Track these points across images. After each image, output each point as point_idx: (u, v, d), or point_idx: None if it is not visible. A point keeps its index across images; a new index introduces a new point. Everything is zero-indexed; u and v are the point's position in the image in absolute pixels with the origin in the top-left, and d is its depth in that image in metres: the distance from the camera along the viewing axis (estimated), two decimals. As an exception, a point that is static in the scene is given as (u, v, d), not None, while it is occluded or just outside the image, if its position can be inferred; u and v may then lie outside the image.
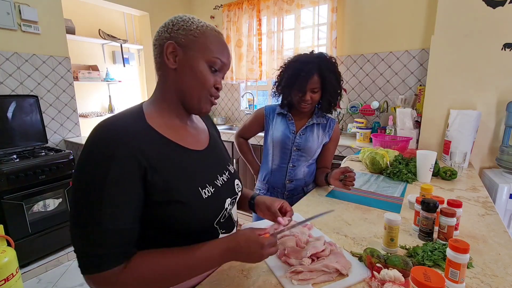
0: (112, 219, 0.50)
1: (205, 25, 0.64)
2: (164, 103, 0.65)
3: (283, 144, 1.31)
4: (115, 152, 0.51)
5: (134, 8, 3.11)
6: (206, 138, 0.74)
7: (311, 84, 1.19)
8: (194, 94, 0.63)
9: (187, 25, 0.62)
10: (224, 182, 0.71)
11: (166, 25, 0.63)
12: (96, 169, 0.50)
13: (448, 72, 1.83)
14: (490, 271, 0.69)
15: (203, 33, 0.62)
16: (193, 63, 0.62)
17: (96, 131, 0.54)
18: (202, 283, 0.66)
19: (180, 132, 0.65)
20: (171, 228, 0.59)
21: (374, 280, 0.63)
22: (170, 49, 0.61)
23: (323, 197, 1.20)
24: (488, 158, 1.83)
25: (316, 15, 2.63)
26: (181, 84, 0.63)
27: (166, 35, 0.62)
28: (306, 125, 1.31)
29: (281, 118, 1.35)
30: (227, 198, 0.70)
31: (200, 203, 0.61)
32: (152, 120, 0.61)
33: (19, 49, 2.27)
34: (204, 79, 0.63)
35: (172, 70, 0.63)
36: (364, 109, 2.48)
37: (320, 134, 1.32)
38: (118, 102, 3.45)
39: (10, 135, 2.21)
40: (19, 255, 1.72)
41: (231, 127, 3.29)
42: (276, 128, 1.33)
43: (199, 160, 0.67)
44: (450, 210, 0.79)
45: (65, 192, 2.20)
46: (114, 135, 0.53)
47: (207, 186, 0.64)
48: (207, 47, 0.62)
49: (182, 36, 0.61)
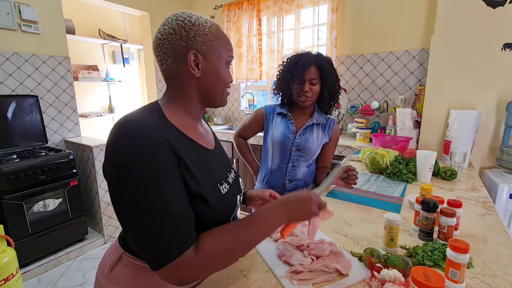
0: (177, 202, 0.52)
1: (209, 23, 0.64)
2: (181, 103, 0.65)
3: (283, 144, 1.30)
4: (155, 144, 0.52)
5: (134, 8, 3.11)
6: (213, 138, 0.77)
7: (309, 75, 1.21)
8: (217, 92, 0.66)
9: (200, 29, 0.61)
10: (234, 179, 0.74)
11: (177, 31, 0.60)
12: (143, 164, 0.50)
13: (448, 72, 1.83)
14: (490, 271, 0.69)
15: (215, 35, 0.63)
16: (216, 68, 0.64)
17: (123, 129, 0.53)
18: (202, 283, 0.66)
19: (196, 131, 0.67)
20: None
21: (374, 280, 0.63)
22: (193, 58, 0.61)
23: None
24: (488, 158, 1.83)
25: (316, 15, 2.63)
26: (205, 88, 0.65)
27: (183, 43, 0.60)
28: (306, 125, 1.30)
29: (281, 118, 1.34)
30: (237, 195, 0.73)
31: (219, 199, 0.63)
32: (172, 117, 0.61)
33: (19, 49, 2.27)
34: (226, 78, 0.66)
35: (196, 77, 0.62)
36: (364, 109, 2.48)
37: (320, 134, 1.32)
38: (118, 102, 3.45)
39: (10, 135, 2.21)
40: (19, 255, 1.72)
41: (231, 127, 3.29)
42: (276, 128, 1.33)
43: (213, 158, 0.69)
44: (450, 210, 0.79)
45: (65, 192, 2.20)
46: (146, 129, 0.53)
47: (224, 183, 0.67)
48: (223, 48, 0.64)
49: (201, 43, 0.61)
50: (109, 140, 0.54)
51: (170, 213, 0.51)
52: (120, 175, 0.51)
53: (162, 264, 0.50)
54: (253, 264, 0.73)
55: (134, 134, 0.52)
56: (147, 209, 0.50)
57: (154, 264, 0.51)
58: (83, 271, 2.10)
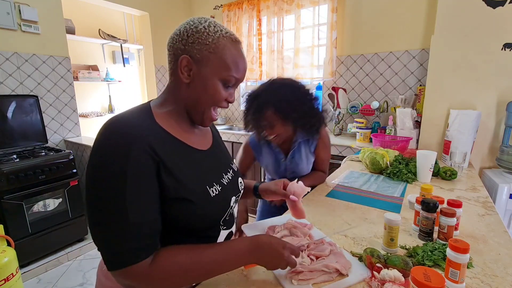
0: (137, 212, 0.51)
1: (221, 35, 0.61)
2: (172, 106, 0.65)
3: (277, 172, 1.33)
4: (131, 147, 0.51)
5: (134, 8, 3.11)
6: (210, 138, 0.76)
7: (265, 122, 1.13)
8: (201, 107, 0.64)
9: (202, 37, 0.59)
10: (229, 180, 0.73)
11: (181, 33, 0.61)
12: (114, 165, 0.50)
13: (448, 72, 1.83)
14: (490, 271, 0.69)
15: (218, 47, 0.60)
16: (207, 80, 0.61)
17: (107, 128, 0.54)
18: (202, 283, 0.66)
19: (187, 132, 0.66)
20: (178, 225, 0.60)
21: (374, 280, 0.63)
22: (184, 63, 0.60)
23: (323, 197, 1.20)
24: (488, 158, 1.83)
25: (316, 15, 2.63)
26: (191, 97, 0.63)
27: (181, 46, 0.60)
28: (293, 149, 1.28)
29: (266, 146, 1.32)
30: (232, 196, 0.72)
31: (208, 202, 0.62)
32: (160, 119, 0.61)
33: (19, 49, 2.27)
34: (216, 94, 0.62)
35: (184, 83, 0.62)
36: (364, 109, 2.48)
37: (308, 148, 1.29)
38: (118, 102, 3.45)
39: (10, 135, 2.21)
40: (19, 255, 1.72)
41: (231, 127, 3.29)
42: (265, 160, 1.34)
43: (205, 159, 0.68)
44: (450, 210, 0.79)
45: (65, 192, 2.20)
46: (127, 131, 0.53)
47: (215, 185, 0.66)
48: (222, 64, 0.61)
49: (197, 51, 0.59)
50: (95, 138, 0.55)
51: (128, 222, 0.50)
52: (92, 172, 0.52)
53: (114, 267, 0.51)
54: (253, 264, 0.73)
55: (114, 134, 0.53)
56: (107, 212, 0.50)
57: (107, 264, 0.51)
58: (83, 271, 2.10)
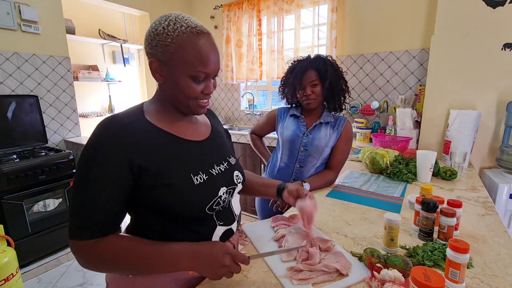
0: (92, 198, 0.57)
1: (181, 32, 0.61)
2: (162, 103, 0.70)
3: (292, 143, 1.33)
4: (103, 142, 0.59)
5: (134, 8, 3.11)
6: (207, 130, 0.77)
7: (307, 79, 1.26)
8: (182, 103, 0.67)
9: (162, 39, 0.61)
10: (221, 172, 0.73)
11: (147, 37, 0.64)
12: (87, 156, 0.59)
13: (448, 72, 1.83)
14: (490, 271, 0.69)
15: (179, 46, 0.61)
16: (176, 79, 0.63)
17: (99, 124, 0.61)
18: (202, 283, 0.66)
19: (178, 125, 0.70)
20: (165, 213, 0.64)
21: (374, 280, 0.63)
22: (153, 66, 0.64)
23: (323, 197, 1.20)
24: (488, 158, 1.83)
25: (316, 15, 2.63)
26: (170, 94, 0.67)
27: (149, 50, 0.64)
28: (314, 125, 1.33)
29: (293, 119, 1.38)
30: (222, 187, 0.71)
31: (190, 189, 0.64)
32: (150, 115, 0.67)
33: (19, 49, 2.27)
34: (189, 91, 0.64)
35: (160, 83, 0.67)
36: (364, 109, 2.48)
37: (329, 133, 1.31)
38: (118, 102, 3.45)
39: (10, 135, 2.21)
40: (19, 255, 1.71)
41: (231, 127, 3.29)
42: (287, 127, 1.37)
43: (196, 149, 0.70)
44: (450, 210, 0.79)
45: (65, 192, 2.20)
46: (106, 128, 0.60)
47: (200, 173, 0.67)
48: (186, 62, 0.61)
49: (161, 53, 0.62)
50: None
51: (84, 203, 0.57)
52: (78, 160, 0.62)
53: (69, 237, 0.59)
54: (253, 264, 0.73)
55: (97, 131, 0.60)
56: (74, 190, 0.59)
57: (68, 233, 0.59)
58: (83, 271, 2.10)
